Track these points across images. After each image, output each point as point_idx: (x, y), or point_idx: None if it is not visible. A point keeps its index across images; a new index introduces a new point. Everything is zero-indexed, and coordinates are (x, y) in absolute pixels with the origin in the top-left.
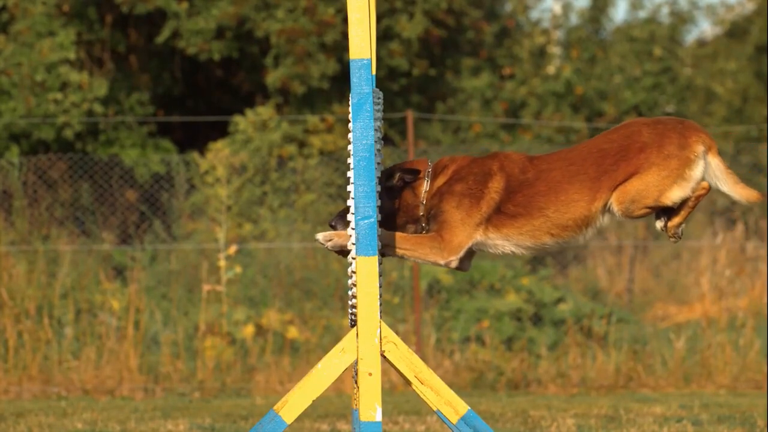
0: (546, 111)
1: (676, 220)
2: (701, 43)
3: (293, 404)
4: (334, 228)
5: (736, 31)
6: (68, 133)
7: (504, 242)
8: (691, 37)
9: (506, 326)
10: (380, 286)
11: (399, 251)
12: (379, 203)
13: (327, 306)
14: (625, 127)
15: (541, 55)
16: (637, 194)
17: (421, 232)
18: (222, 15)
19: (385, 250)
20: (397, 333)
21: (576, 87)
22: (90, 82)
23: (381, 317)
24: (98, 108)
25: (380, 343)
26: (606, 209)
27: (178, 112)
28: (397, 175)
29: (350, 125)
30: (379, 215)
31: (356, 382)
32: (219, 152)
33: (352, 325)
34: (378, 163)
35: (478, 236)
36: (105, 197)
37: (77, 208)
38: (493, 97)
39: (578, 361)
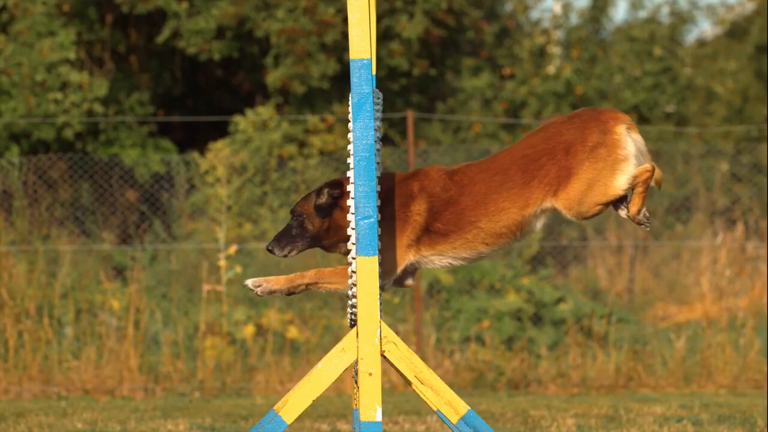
0: (546, 111)
1: (633, 208)
2: (701, 43)
3: (293, 404)
4: (271, 252)
5: (736, 31)
6: (68, 133)
7: (440, 258)
8: (691, 37)
9: (506, 326)
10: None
11: (330, 286)
12: (317, 224)
13: (327, 306)
14: (543, 129)
15: (541, 55)
16: (581, 195)
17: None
18: (222, 15)
19: (315, 287)
20: (397, 333)
21: (576, 87)
22: (90, 82)
23: (381, 317)
24: (98, 108)
25: (380, 343)
26: (542, 212)
27: (178, 112)
28: (326, 191)
29: (350, 125)
30: (304, 241)
31: (356, 382)
32: (219, 152)
33: (352, 326)
34: (378, 163)
35: (411, 257)
36: (105, 197)
37: (77, 208)
38: (494, 97)
39: (578, 361)
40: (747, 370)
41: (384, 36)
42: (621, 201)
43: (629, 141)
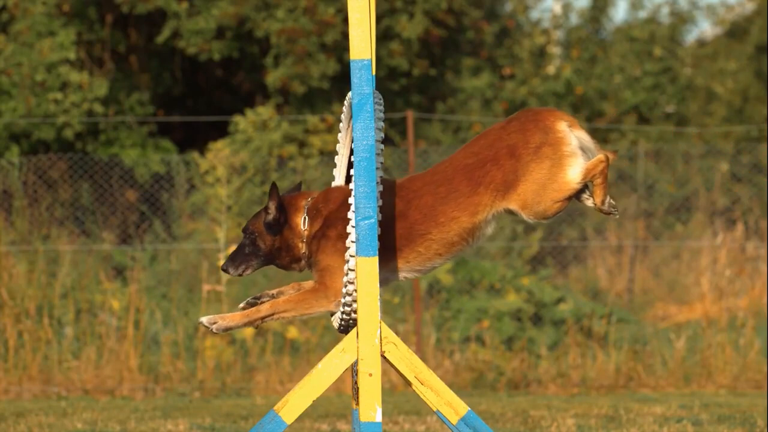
0: None
1: (597, 199)
2: (701, 43)
3: (293, 404)
4: (226, 271)
5: (736, 31)
6: (68, 133)
7: (392, 274)
8: (691, 37)
9: (506, 326)
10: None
11: (287, 314)
12: (269, 242)
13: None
14: (483, 137)
15: (541, 55)
16: (535, 195)
17: (303, 270)
18: (222, 15)
19: (272, 319)
20: (397, 333)
21: (576, 87)
22: (90, 82)
23: (381, 317)
24: (98, 108)
25: (380, 343)
26: (494, 217)
27: (178, 112)
28: (272, 208)
29: (340, 126)
30: (258, 260)
31: (356, 383)
32: (219, 152)
33: (340, 330)
34: (381, 163)
35: None
36: (105, 197)
37: (77, 208)
38: (494, 97)
39: (578, 361)
40: (747, 370)
41: (384, 36)
42: (584, 192)
43: (572, 137)
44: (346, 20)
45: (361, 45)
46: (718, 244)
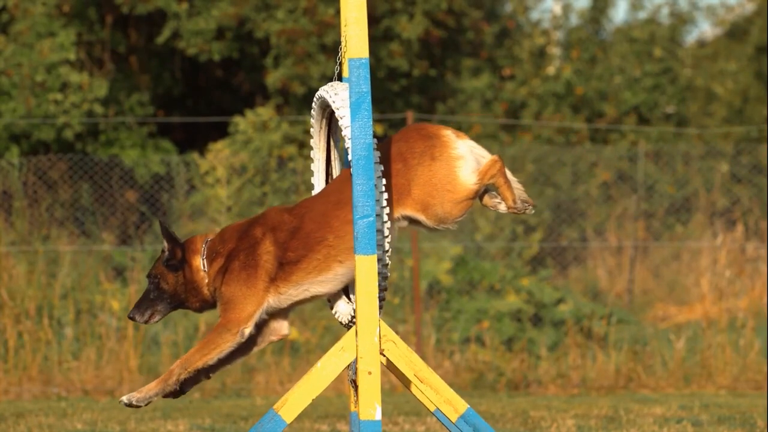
0: (546, 112)
1: (508, 201)
2: (701, 43)
3: (293, 403)
4: (132, 319)
5: (736, 32)
6: (68, 134)
7: (297, 288)
8: (691, 37)
9: (506, 327)
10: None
11: (198, 363)
12: (172, 283)
13: (327, 306)
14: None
15: (541, 55)
16: (429, 197)
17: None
18: (222, 15)
19: (187, 374)
20: (397, 334)
21: (576, 87)
22: (90, 83)
23: (380, 315)
24: (98, 108)
25: (379, 341)
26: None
27: (178, 113)
28: (167, 248)
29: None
30: (164, 303)
31: (353, 385)
32: (219, 153)
33: (348, 327)
34: (376, 163)
35: (270, 299)
36: (105, 198)
37: (77, 208)
38: (494, 97)
39: (578, 362)
40: (747, 371)
41: (384, 36)
42: (495, 198)
43: (459, 141)
44: None
45: (359, 43)
46: (718, 244)
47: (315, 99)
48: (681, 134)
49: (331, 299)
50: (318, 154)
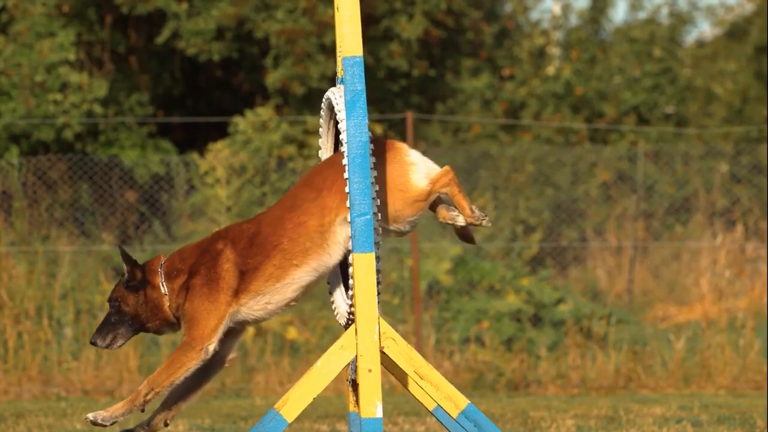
0: (546, 112)
1: (464, 212)
2: (701, 43)
3: (294, 402)
4: (94, 344)
5: (735, 32)
6: (68, 134)
7: (257, 299)
8: (690, 37)
9: (506, 327)
10: (378, 283)
11: (165, 383)
12: (132, 305)
13: (327, 306)
14: (326, 160)
15: (540, 55)
16: (382, 197)
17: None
18: (222, 16)
19: (157, 394)
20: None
21: (576, 88)
22: (90, 83)
23: (380, 313)
24: (98, 109)
25: (379, 339)
26: (345, 221)
27: (178, 113)
28: (127, 270)
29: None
30: (125, 327)
31: (351, 385)
32: (219, 153)
33: (346, 327)
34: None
35: (232, 312)
36: (105, 198)
37: (77, 208)
38: (493, 97)
39: (578, 362)
40: (747, 371)
41: (384, 37)
42: (453, 211)
43: (412, 151)
44: None
45: (353, 42)
46: (718, 244)
47: (323, 100)
48: (681, 134)
49: (333, 299)
50: (326, 154)
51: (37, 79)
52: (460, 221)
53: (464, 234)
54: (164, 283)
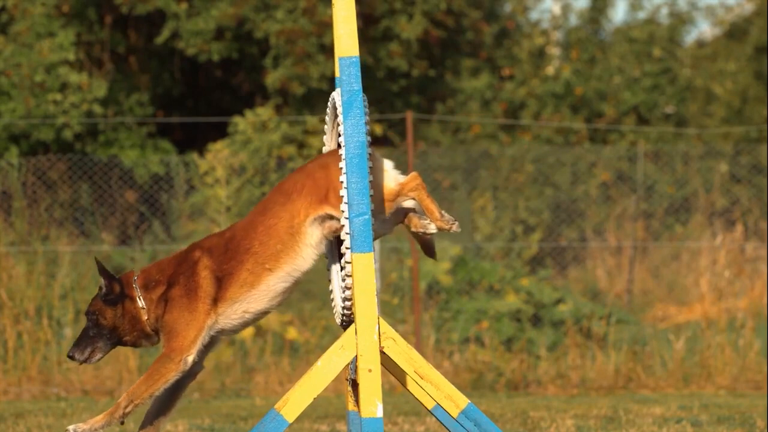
0: (545, 112)
1: (433, 216)
2: (701, 43)
3: (294, 402)
4: (72, 358)
5: (735, 32)
6: (68, 134)
7: (233, 307)
8: (690, 37)
9: (506, 327)
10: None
11: (144, 395)
12: (110, 318)
13: (326, 306)
14: (299, 169)
15: (540, 55)
16: None
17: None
18: (221, 16)
19: (136, 406)
20: None
21: (575, 88)
22: (89, 83)
23: (379, 313)
24: (98, 109)
25: (379, 339)
26: (317, 220)
27: (178, 113)
28: (103, 283)
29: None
30: (103, 340)
31: (351, 384)
32: (218, 153)
33: (342, 325)
34: (369, 167)
35: (210, 321)
36: (104, 198)
37: (76, 208)
38: (493, 97)
39: (578, 362)
40: (746, 371)
41: (383, 37)
42: (423, 219)
43: (384, 160)
44: None
45: (349, 42)
46: (718, 244)
47: (329, 100)
48: (680, 134)
49: (333, 299)
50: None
51: (36, 79)
52: (432, 229)
53: (427, 246)
54: (141, 296)
